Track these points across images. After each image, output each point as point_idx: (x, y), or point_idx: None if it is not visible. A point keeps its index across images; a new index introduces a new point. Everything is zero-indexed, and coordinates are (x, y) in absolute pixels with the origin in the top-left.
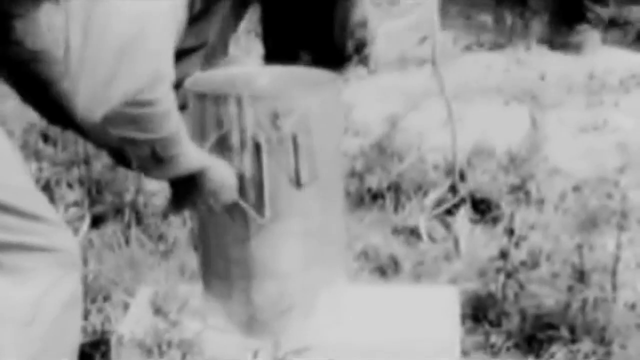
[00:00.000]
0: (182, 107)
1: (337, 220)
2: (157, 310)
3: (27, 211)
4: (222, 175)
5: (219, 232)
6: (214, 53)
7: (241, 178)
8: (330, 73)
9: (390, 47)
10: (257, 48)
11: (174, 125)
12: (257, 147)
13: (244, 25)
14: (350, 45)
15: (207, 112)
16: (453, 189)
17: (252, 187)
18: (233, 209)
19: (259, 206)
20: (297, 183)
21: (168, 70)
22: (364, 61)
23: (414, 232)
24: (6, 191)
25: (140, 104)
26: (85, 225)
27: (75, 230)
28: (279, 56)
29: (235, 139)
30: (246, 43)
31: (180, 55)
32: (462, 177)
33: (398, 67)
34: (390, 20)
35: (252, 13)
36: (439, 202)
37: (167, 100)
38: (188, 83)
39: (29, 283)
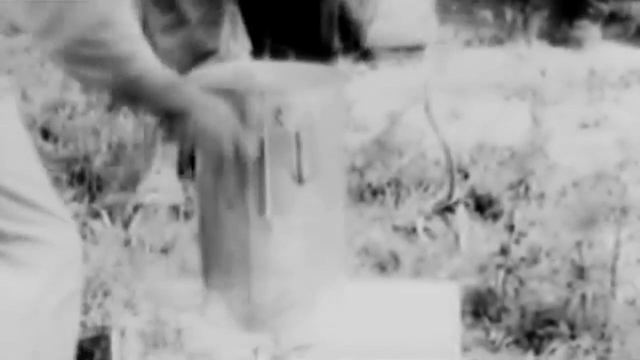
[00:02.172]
0: None
1: (338, 217)
2: (162, 304)
3: (36, 203)
4: (209, 120)
5: (219, 227)
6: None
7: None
8: (334, 69)
9: (388, 32)
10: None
11: (133, 70)
12: (260, 143)
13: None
14: (336, 40)
15: None
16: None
17: (254, 183)
18: (235, 205)
19: (261, 202)
20: (299, 179)
21: (118, 15)
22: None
23: (414, 228)
24: (19, 180)
25: (89, 45)
26: (85, 221)
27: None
28: (264, 52)
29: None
30: (244, 39)
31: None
32: (465, 174)
33: (398, 63)
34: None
35: None
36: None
37: (119, 45)
38: (192, 78)
39: (29, 277)
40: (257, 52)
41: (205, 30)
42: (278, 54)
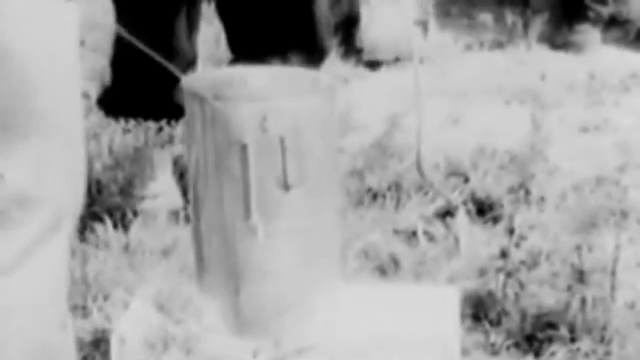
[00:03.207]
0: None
1: (329, 221)
2: (160, 308)
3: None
4: None
5: (210, 232)
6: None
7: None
8: (328, 75)
9: (384, 35)
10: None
11: None
12: (244, 149)
13: None
14: (332, 40)
15: (198, 112)
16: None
17: (240, 189)
18: (223, 210)
19: (246, 208)
20: (285, 185)
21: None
22: (352, 44)
23: (414, 232)
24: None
25: None
26: (85, 224)
27: (76, 229)
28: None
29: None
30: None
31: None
32: (465, 178)
33: (397, 65)
34: (383, 7)
35: None
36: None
37: None
38: (184, 83)
39: (16, 232)
40: (239, 59)
41: (190, 38)
42: (263, 60)
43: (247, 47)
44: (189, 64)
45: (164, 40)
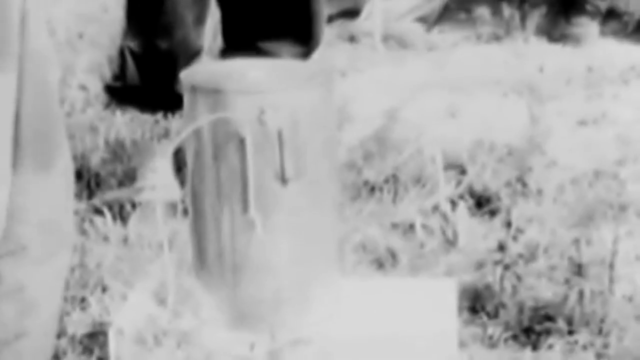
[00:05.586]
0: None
1: (327, 215)
2: (158, 301)
3: None
4: None
5: (209, 225)
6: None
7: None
8: (326, 67)
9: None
10: None
11: None
12: (242, 142)
13: None
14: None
15: (197, 105)
16: None
17: (238, 182)
18: (220, 203)
19: (244, 201)
20: (282, 179)
21: None
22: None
23: (411, 225)
24: None
25: None
26: (84, 217)
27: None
28: (238, 49)
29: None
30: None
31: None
32: (463, 171)
33: (397, 58)
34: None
35: None
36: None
37: None
38: (182, 76)
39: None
40: (231, 48)
41: (197, 29)
42: (254, 49)
43: (240, 34)
44: (194, 54)
45: (171, 28)
